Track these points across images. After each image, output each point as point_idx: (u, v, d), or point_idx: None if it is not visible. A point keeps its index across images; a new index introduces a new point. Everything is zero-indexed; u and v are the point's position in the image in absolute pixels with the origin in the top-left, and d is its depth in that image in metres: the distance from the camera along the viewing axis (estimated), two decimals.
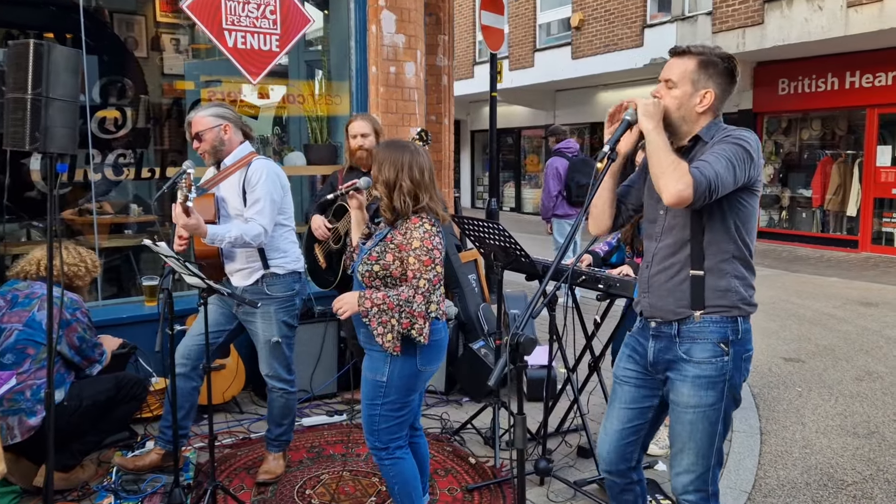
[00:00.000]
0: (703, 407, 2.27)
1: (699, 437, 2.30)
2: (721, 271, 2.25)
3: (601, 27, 14.91)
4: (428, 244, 2.65)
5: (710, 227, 2.24)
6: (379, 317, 2.63)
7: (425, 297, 2.64)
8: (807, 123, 13.17)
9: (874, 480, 3.80)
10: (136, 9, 5.94)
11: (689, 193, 2.05)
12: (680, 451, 2.35)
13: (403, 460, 2.82)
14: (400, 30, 5.34)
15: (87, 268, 3.56)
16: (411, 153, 2.74)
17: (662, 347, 2.35)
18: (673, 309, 2.30)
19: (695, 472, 2.33)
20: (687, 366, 2.28)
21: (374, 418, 2.77)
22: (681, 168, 2.07)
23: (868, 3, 9.87)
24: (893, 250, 11.77)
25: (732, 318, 2.27)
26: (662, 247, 2.34)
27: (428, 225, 2.68)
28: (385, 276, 2.70)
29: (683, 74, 2.27)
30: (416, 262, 2.64)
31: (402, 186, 2.68)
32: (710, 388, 2.26)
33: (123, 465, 3.55)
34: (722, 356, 2.25)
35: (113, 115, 5.46)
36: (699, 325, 2.27)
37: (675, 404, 2.34)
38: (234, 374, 4.50)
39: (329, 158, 5.51)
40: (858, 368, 5.73)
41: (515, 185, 20.76)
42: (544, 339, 4.88)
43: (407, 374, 2.73)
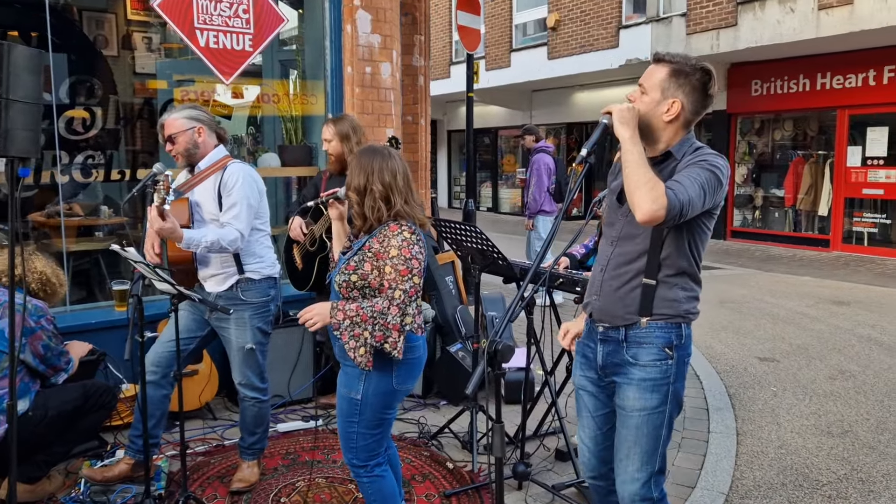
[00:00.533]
0: (648, 410, 2.32)
1: (644, 442, 2.34)
2: (671, 284, 2.31)
3: (577, 28, 14.96)
4: (406, 253, 2.54)
5: (669, 243, 2.29)
6: (351, 329, 2.52)
7: (400, 308, 2.53)
8: (779, 124, 13.32)
9: (848, 480, 3.83)
10: (106, 6, 5.82)
11: (662, 214, 2.07)
12: (626, 457, 2.38)
13: (383, 479, 2.73)
14: (375, 30, 5.29)
15: (55, 288, 3.48)
16: (382, 157, 2.64)
17: (610, 351, 2.39)
18: (622, 315, 2.34)
19: (640, 479, 2.36)
20: (633, 369, 2.33)
21: (350, 436, 2.68)
22: (658, 187, 2.08)
23: (838, 6, 10.00)
24: (864, 249, 11.95)
25: (676, 324, 2.33)
26: (618, 253, 2.37)
27: (407, 233, 2.58)
28: (363, 287, 2.59)
29: (654, 82, 2.29)
30: (393, 271, 2.53)
31: (373, 191, 2.59)
32: (655, 391, 2.32)
33: (92, 476, 3.46)
34: (666, 360, 2.32)
35: (81, 116, 5.34)
36: (645, 331, 2.32)
37: (621, 408, 2.38)
38: (207, 379, 4.43)
39: (304, 160, 5.45)
40: (831, 367, 5.78)
41: (492, 185, 20.78)
42: (522, 342, 4.86)
43: (382, 392, 2.63)
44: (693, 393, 5.08)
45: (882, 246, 11.72)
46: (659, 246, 2.28)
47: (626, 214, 2.32)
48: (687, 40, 12.12)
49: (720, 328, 7.07)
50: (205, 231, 3.28)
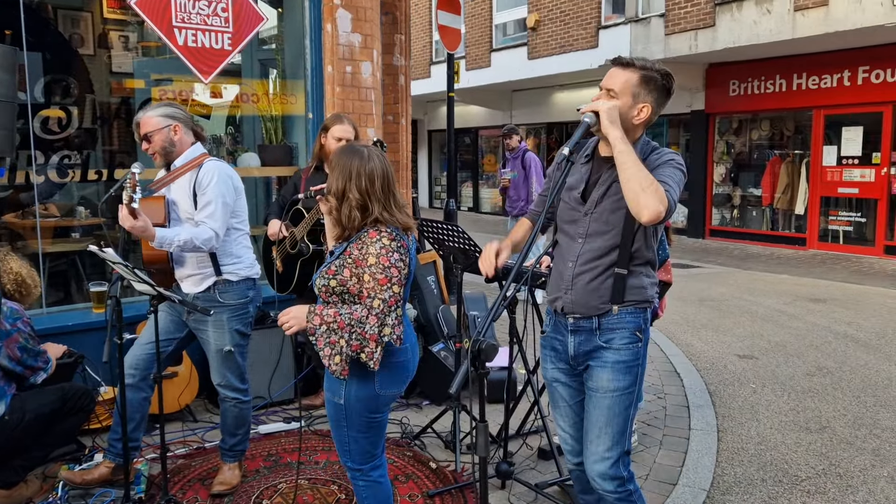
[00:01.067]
0: (620, 391, 2.44)
1: (616, 422, 2.45)
2: (639, 273, 2.45)
3: (557, 28, 15.02)
4: (385, 261, 2.43)
5: (639, 237, 2.41)
6: (327, 336, 2.44)
7: (379, 318, 2.42)
8: (756, 124, 13.47)
9: (827, 475, 3.87)
10: (81, 5, 5.75)
11: (663, 213, 2.18)
12: (597, 437, 2.47)
13: (381, 484, 2.66)
14: (356, 29, 5.27)
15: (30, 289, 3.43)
16: (361, 159, 2.52)
17: (582, 340, 2.49)
18: (596, 305, 2.44)
19: (610, 458, 2.46)
20: (607, 353, 2.45)
21: (343, 439, 2.62)
22: (660, 189, 2.19)
23: (814, 7, 10.13)
24: (839, 247, 12.11)
25: (643, 309, 2.48)
26: (589, 249, 2.45)
27: (386, 240, 2.46)
28: (342, 293, 2.51)
29: (626, 86, 2.35)
30: (371, 280, 2.43)
31: (350, 198, 2.48)
32: (627, 373, 2.44)
33: (71, 479, 3.41)
34: (637, 342, 2.45)
35: (57, 115, 5.26)
36: (617, 318, 2.44)
37: (593, 391, 2.48)
38: (187, 381, 4.38)
39: (284, 159, 5.41)
40: (809, 364, 5.85)
41: (473, 185, 20.79)
42: (504, 341, 4.87)
43: (365, 398, 2.54)
44: (674, 391, 5.12)
45: (857, 244, 11.89)
46: (630, 240, 2.39)
47: (591, 212, 2.43)
48: (665, 41, 12.22)
49: (700, 326, 7.13)
50: (178, 230, 3.23)
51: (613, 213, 2.38)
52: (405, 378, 2.66)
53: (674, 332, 6.81)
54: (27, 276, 3.42)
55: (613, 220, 2.39)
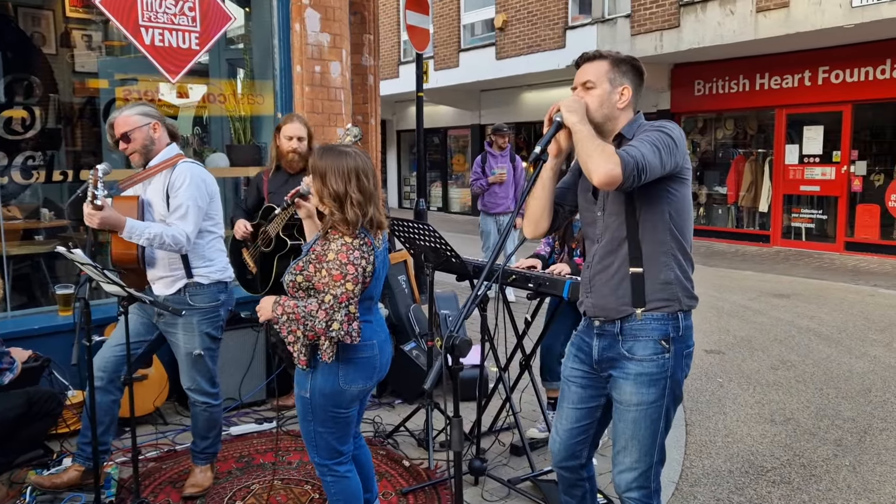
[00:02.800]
0: (646, 405, 2.31)
1: (642, 435, 2.33)
2: (660, 263, 2.30)
3: (524, 28, 15.11)
4: (343, 258, 2.46)
5: (644, 220, 2.29)
6: (288, 326, 2.52)
7: (328, 313, 2.45)
8: (721, 123, 13.70)
9: (791, 465, 3.97)
10: (42, 3, 5.65)
11: (618, 172, 2.06)
12: (623, 449, 2.38)
13: (347, 479, 2.70)
14: (325, 28, 5.26)
15: None
16: (354, 159, 2.55)
17: (606, 345, 2.38)
18: (615, 307, 2.34)
19: (638, 469, 2.36)
20: (629, 364, 2.32)
21: (309, 433, 2.66)
22: (608, 149, 2.11)
23: (775, 9, 10.34)
24: (802, 244, 12.38)
25: (673, 315, 2.32)
26: (601, 247, 2.38)
27: (348, 238, 2.50)
28: (308, 288, 2.56)
29: (600, 74, 2.33)
30: (327, 275, 2.47)
31: (352, 198, 2.50)
32: (652, 386, 2.30)
33: (40, 483, 3.36)
34: (663, 353, 2.30)
35: (20, 115, 5.16)
36: (641, 323, 2.31)
37: (618, 402, 2.38)
38: (158, 384, 4.34)
39: (253, 159, 5.38)
40: (774, 358, 5.98)
41: (442, 185, 20.81)
42: (476, 339, 4.90)
43: (329, 392, 2.58)
44: None
45: (819, 241, 12.18)
46: (635, 227, 2.29)
47: (602, 208, 2.36)
48: (631, 41, 12.37)
49: None
50: (149, 223, 3.21)
51: (615, 204, 2.32)
52: (371, 374, 2.66)
53: None
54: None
55: (616, 210, 2.32)
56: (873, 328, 6.91)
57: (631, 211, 2.29)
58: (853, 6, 9.44)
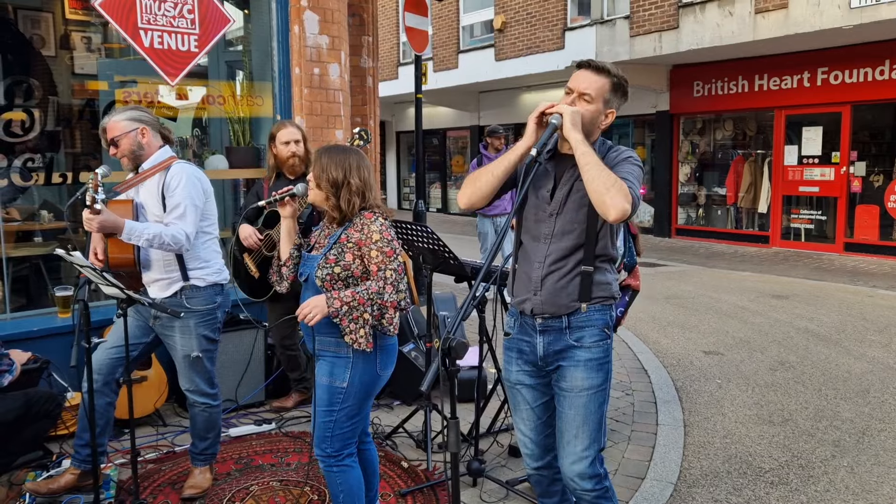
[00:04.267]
0: (595, 388, 2.46)
1: (592, 420, 2.46)
2: (603, 269, 2.49)
3: (523, 30, 15.13)
4: (387, 235, 2.68)
5: (603, 234, 2.45)
6: (350, 314, 2.61)
7: (394, 286, 2.65)
8: (720, 124, 13.71)
9: (789, 466, 3.97)
10: (41, 5, 5.66)
11: (629, 210, 2.21)
12: (574, 437, 2.47)
13: (352, 468, 2.80)
14: (323, 31, 5.27)
15: None
16: (356, 155, 2.77)
17: (552, 340, 2.50)
18: (566, 304, 2.46)
19: (588, 456, 2.46)
20: (578, 351, 2.47)
21: (328, 424, 2.74)
22: (624, 187, 2.22)
23: (774, 10, 10.36)
24: (801, 245, 12.40)
25: (609, 306, 2.51)
26: (555, 249, 2.47)
27: (382, 218, 2.73)
28: (347, 277, 2.68)
29: (600, 92, 2.41)
30: (380, 254, 2.65)
31: (351, 184, 2.68)
32: (599, 370, 2.47)
33: (36, 490, 3.35)
34: (606, 339, 2.50)
35: (20, 118, 5.18)
36: (586, 315, 2.47)
37: (566, 391, 2.48)
38: (157, 385, 4.34)
39: (252, 161, 5.39)
40: (772, 359, 5.99)
41: (441, 186, 20.83)
42: (474, 341, 4.90)
43: (368, 380, 2.74)
44: (641, 387, 5.20)
45: (818, 241, 12.18)
46: (594, 238, 2.43)
47: (557, 212, 2.45)
48: (630, 42, 12.38)
49: (666, 324, 7.25)
50: (148, 224, 3.22)
51: (578, 212, 2.41)
52: (394, 359, 2.88)
53: (641, 330, 6.92)
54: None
55: (578, 218, 2.42)
56: (872, 329, 6.92)
57: (594, 222, 2.41)
58: (852, 7, 9.45)
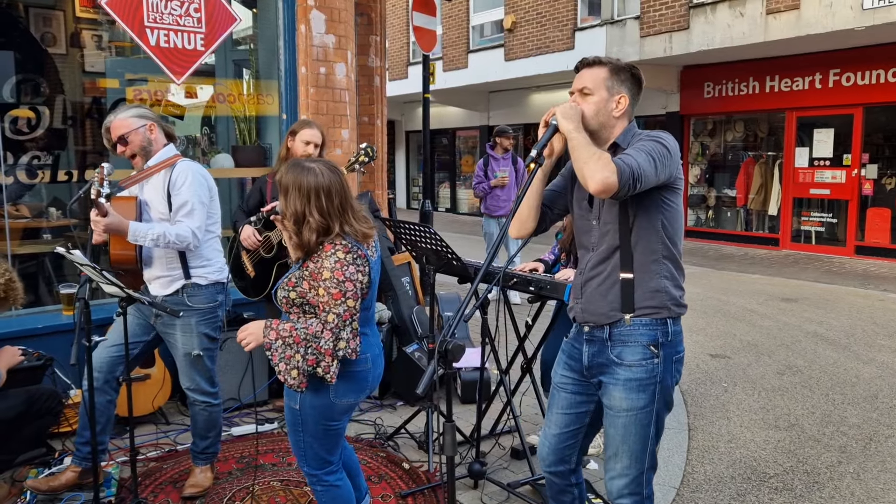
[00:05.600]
0: (635, 410, 2.31)
1: (632, 441, 2.34)
2: (650, 272, 2.30)
3: (533, 29, 15.09)
4: (339, 275, 2.39)
5: (638, 229, 2.30)
6: (283, 351, 2.42)
7: (333, 333, 2.40)
8: (730, 125, 13.63)
9: (794, 472, 3.93)
10: (53, 4, 5.69)
11: (613, 180, 2.07)
12: (614, 455, 2.38)
13: (337, 488, 2.68)
14: (330, 30, 5.27)
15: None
16: (315, 176, 2.46)
17: (596, 351, 2.39)
18: (605, 313, 2.34)
19: (629, 475, 2.37)
20: (618, 369, 2.32)
21: (299, 444, 2.63)
22: (604, 157, 2.11)
23: (786, 11, 10.28)
24: (811, 247, 12.30)
25: (662, 321, 2.31)
26: (596, 254, 2.38)
27: (341, 253, 2.43)
28: (303, 304, 2.50)
29: (598, 82, 2.33)
30: (326, 294, 2.40)
31: (310, 222, 2.43)
32: (642, 391, 2.30)
33: (37, 487, 3.35)
34: (652, 358, 2.30)
35: (26, 115, 5.20)
36: (629, 329, 2.31)
37: (608, 408, 2.38)
38: (160, 383, 4.35)
39: (258, 160, 5.39)
40: (780, 363, 5.94)
41: (450, 186, 20.81)
42: (477, 342, 4.88)
43: (320, 406, 2.54)
44: None
45: (829, 244, 12.09)
46: (628, 235, 2.30)
47: (598, 217, 2.36)
48: (641, 43, 12.33)
49: None
50: (152, 224, 3.23)
51: (609, 212, 2.32)
52: (363, 388, 2.63)
53: None
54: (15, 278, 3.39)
55: (610, 218, 2.32)
56: (882, 333, 6.85)
57: (625, 219, 2.30)
58: (864, 8, 9.37)
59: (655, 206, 2.29)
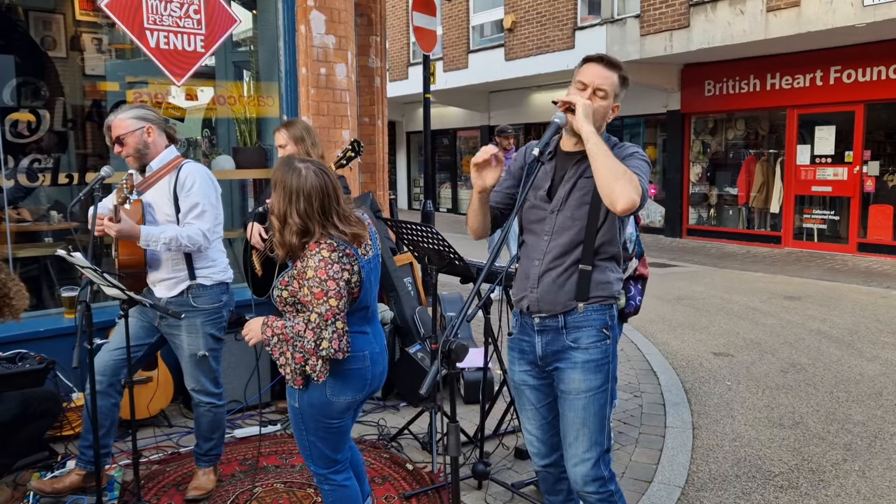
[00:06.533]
0: (593, 390, 2.42)
1: (592, 422, 2.43)
2: (604, 268, 2.45)
3: (533, 29, 15.08)
4: (321, 274, 2.38)
5: (604, 231, 2.42)
6: (280, 346, 2.48)
7: (315, 332, 2.39)
8: (731, 123, 13.61)
9: (799, 470, 3.92)
10: (53, 7, 5.68)
11: (638, 201, 2.19)
12: (575, 440, 2.45)
13: (346, 488, 2.68)
14: (330, 30, 5.26)
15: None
16: (298, 177, 2.44)
17: (549, 340, 2.47)
18: (562, 302, 2.43)
19: (590, 458, 2.44)
20: (575, 353, 2.43)
21: (303, 443, 2.65)
22: (628, 174, 2.21)
23: (786, 8, 10.26)
24: (814, 245, 12.28)
25: (609, 306, 2.46)
26: (555, 246, 2.45)
27: (326, 252, 2.41)
28: (295, 303, 2.52)
29: (612, 87, 2.42)
30: (309, 293, 2.40)
31: (290, 223, 2.43)
32: (598, 371, 2.43)
33: (40, 488, 3.36)
34: (605, 340, 2.44)
35: (26, 118, 5.19)
36: (583, 315, 2.43)
37: (566, 393, 2.47)
38: (163, 386, 4.34)
39: (259, 162, 5.38)
40: (783, 361, 5.92)
41: (452, 186, 20.81)
42: (480, 342, 4.87)
43: (318, 404, 2.55)
44: (650, 389, 5.16)
45: (831, 242, 12.06)
46: (594, 235, 2.41)
47: (558, 209, 2.44)
48: (641, 41, 12.31)
49: (677, 325, 7.18)
50: (164, 227, 3.22)
51: (579, 209, 2.40)
52: (362, 386, 2.60)
53: (651, 331, 6.86)
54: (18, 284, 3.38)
55: (578, 215, 2.40)
56: (885, 330, 6.83)
57: (594, 219, 2.39)
58: (865, 5, 9.35)
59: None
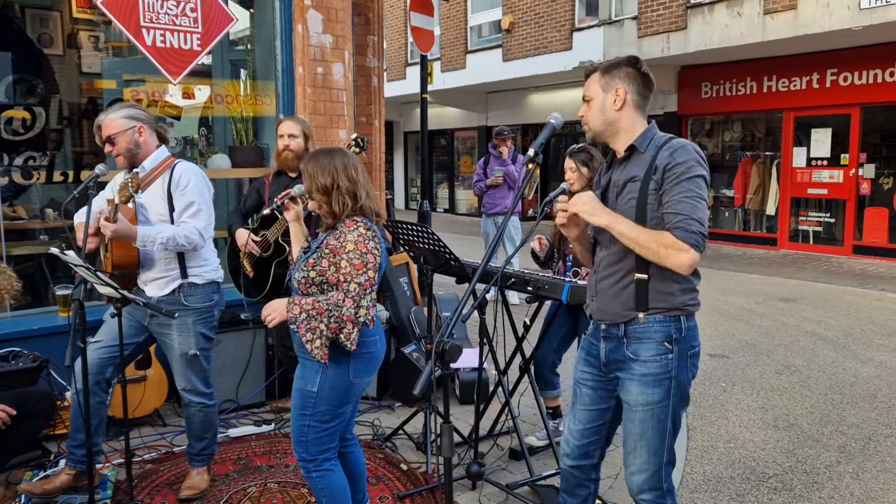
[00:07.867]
0: (652, 405, 2.35)
1: (650, 436, 2.37)
2: (664, 276, 2.32)
3: (531, 30, 15.08)
4: (361, 247, 2.60)
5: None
6: (308, 323, 2.55)
7: (355, 301, 2.56)
8: (728, 125, 13.63)
9: (793, 472, 3.92)
10: (50, 4, 5.67)
11: (694, 255, 2.18)
12: (633, 450, 2.41)
13: (332, 472, 2.75)
14: (327, 30, 5.25)
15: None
16: (342, 155, 2.73)
17: (612, 348, 2.43)
18: (619, 312, 2.38)
19: (648, 470, 2.39)
20: (634, 364, 2.37)
21: (303, 429, 2.69)
22: (666, 239, 2.18)
23: (783, 11, 10.28)
24: (809, 247, 12.30)
25: (675, 318, 2.36)
26: (609, 254, 2.42)
27: (363, 228, 2.64)
28: (321, 283, 2.65)
29: (593, 86, 2.41)
30: (348, 265, 2.58)
31: (341, 187, 2.65)
32: (657, 386, 2.34)
33: (31, 490, 3.33)
34: (666, 354, 2.34)
35: (21, 116, 5.18)
36: (644, 326, 2.35)
37: (626, 403, 2.43)
38: (157, 385, 4.33)
39: (255, 161, 5.37)
40: (778, 363, 5.93)
41: (449, 187, 20.80)
42: (475, 342, 4.87)
43: (339, 386, 2.67)
44: None
45: (826, 244, 12.08)
46: None
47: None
48: (638, 43, 12.32)
49: None
50: (160, 227, 3.21)
51: (627, 215, 2.31)
52: (375, 367, 2.80)
53: None
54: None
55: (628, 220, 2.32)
56: (880, 333, 6.84)
57: (642, 223, 2.30)
58: (861, 8, 9.37)
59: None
